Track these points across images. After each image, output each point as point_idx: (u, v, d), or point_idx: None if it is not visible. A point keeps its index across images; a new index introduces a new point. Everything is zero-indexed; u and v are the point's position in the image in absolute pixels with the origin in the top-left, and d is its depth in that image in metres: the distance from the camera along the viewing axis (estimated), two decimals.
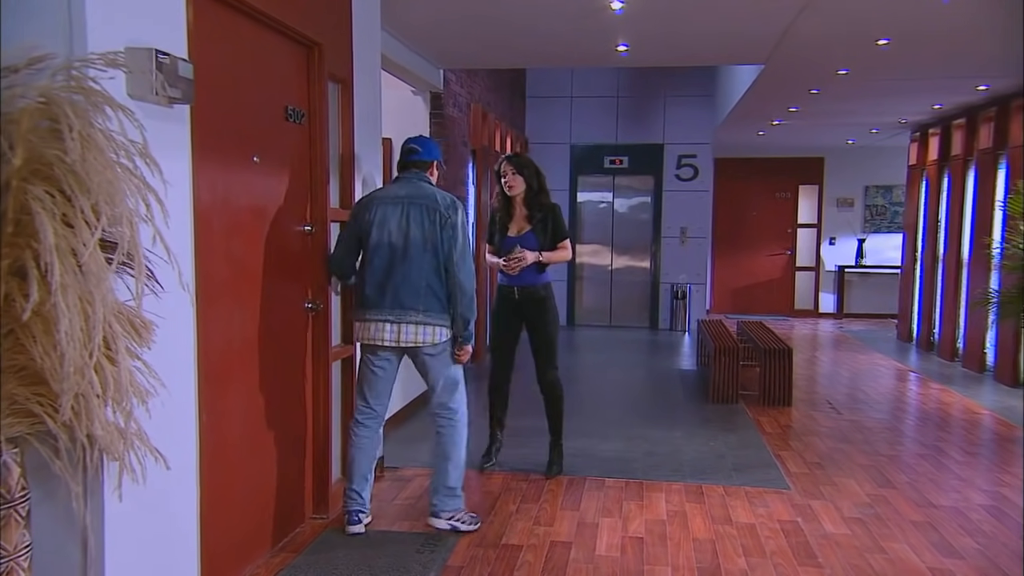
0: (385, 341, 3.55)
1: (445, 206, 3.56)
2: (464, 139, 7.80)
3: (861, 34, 5.40)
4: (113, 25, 2.29)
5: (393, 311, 3.52)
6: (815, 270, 13.55)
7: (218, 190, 2.95)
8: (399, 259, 3.52)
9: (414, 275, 3.51)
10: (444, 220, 3.53)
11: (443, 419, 3.76)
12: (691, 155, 11.31)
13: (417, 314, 3.52)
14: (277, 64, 3.48)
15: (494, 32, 5.75)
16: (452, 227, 3.54)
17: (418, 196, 3.58)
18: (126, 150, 2.06)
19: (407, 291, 3.51)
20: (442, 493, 3.74)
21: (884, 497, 4.31)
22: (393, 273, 3.52)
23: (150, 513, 2.44)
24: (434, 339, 3.57)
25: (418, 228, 3.52)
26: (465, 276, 3.57)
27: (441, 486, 3.74)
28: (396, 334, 3.53)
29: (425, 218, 3.53)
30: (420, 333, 3.53)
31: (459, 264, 3.55)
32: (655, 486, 4.45)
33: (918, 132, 10.41)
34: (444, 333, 3.59)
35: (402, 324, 3.52)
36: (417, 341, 3.54)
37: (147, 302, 2.18)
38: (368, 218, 3.58)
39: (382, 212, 3.56)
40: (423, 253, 3.52)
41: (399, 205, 3.56)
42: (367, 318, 3.58)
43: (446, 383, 3.70)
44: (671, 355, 9.44)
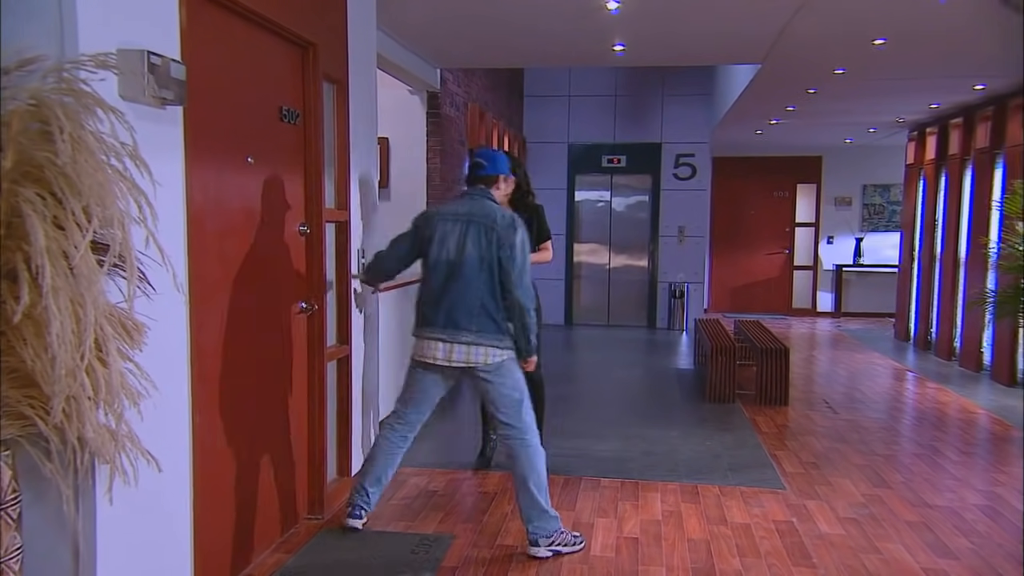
0: (437, 360, 3.52)
1: (504, 225, 3.48)
2: (461, 138, 7.79)
3: (857, 34, 5.40)
4: (105, 26, 2.28)
5: (446, 330, 3.49)
6: (813, 269, 13.56)
7: (211, 191, 2.94)
8: (454, 277, 3.47)
9: (468, 294, 3.46)
10: (502, 239, 3.46)
11: (512, 439, 3.57)
12: (689, 154, 11.31)
13: (469, 334, 3.46)
14: (271, 64, 3.47)
15: (490, 32, 5.75)
16: (511, 247, 3.47)
17: (478, 214, 3.52)
18: (117, 152, 2.06)
19: (461, 310, 3.46)
20: (536, 519, 3.48)
21: (879, 497, 4.31)
22: (448, 291, 3.48)
23: (142, 515, 2.44)
24: (487, 360, 3.48)
25: (475, 247, 3.47)
26: (523, 295, 3.50)
27: (532, 511, 3.49)
28: (448, 353, 3.49)
29: (483, 237, 3.47)
30: (472, 353, 3.47)
31: (517, 283, 3.47)
32: (651, 486, 4.45)
33: (915, 131, 10.41)
34: (496, 354, 3.49)
35: (454, 344, 3.48)
36: (468, 361, 3.48)
37: (140, 304, 2.18)
38: (428, 234, 3.56)
39: (442, 229, 3.53)
40: (479, 272, 3.46)
41: (459, 223, 3.52)
42: (422, 335, 3.57)
43: (507, 402, 3.55)
44: (669, 354, 9.44)
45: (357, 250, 4.29)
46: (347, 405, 4.16)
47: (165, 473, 2.42)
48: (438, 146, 7.00)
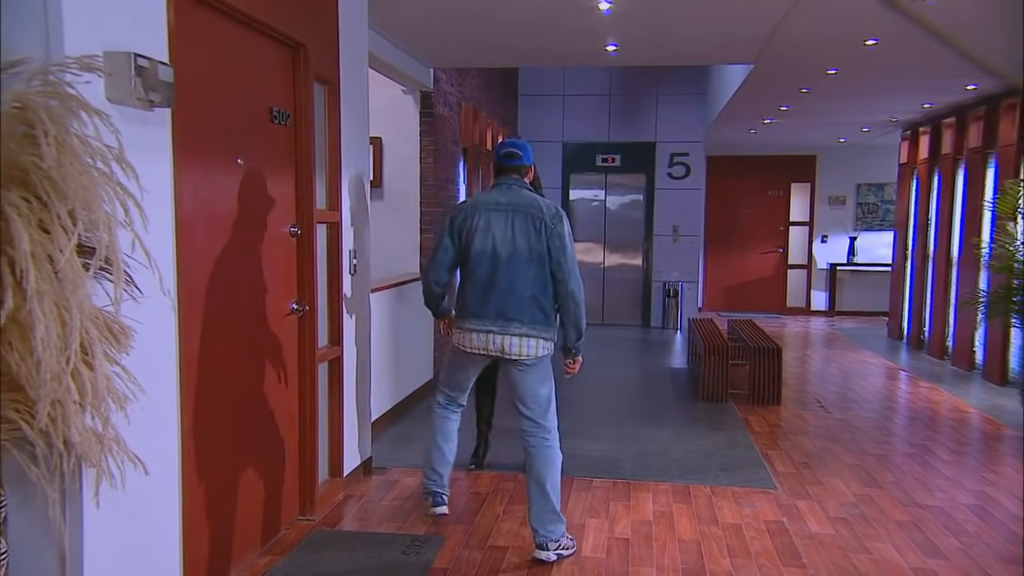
0: (490, 351, 3.49)
1: (551, 216, 3.46)
2: (455, 138, 7.78)
3: (849, 34, 5.40)
4: (91, 29, 2.27)
5: (497, 322, 3.45)
6: (807, 268, 13.58)
7: (201, 193, 2.93)
8: (503, 268, 3.44)
9: (520, 286, 3.42)
10: (551, 230, 3.43)
11: (536, 438, 3.53)
12: (683, 153, 11.31)
13: (522, 326, 3.43)
14: (261, 65, 3.47)
15: (483, 31, 5.74)
16: (559, 237, 3.44)
17: (523, 204, 3.48)
18: (103, 155, 2.05)
19: (512, 302, 3.43)
20: (547, 520, 3.44)
21: (870, 497, 4.32)
22: (498, 283, 3.44)
23: (130, 518, 2.44)
24: (537, 352, 3.47)
25: (524, 238, 3.43)
26: (576, 286, 3.46)
27: (543, 512, 3.45)
28: (500, 345, 3.46)
29: (531, 227, 3.43)
30: (525, 346, 3.44)
31: (570, 274, 3.45)
32: (643, 486, 4.45)
33: (909, 131, 10.43)
34: (546, 347, 3.49)
35: (507, 336, 3.44)
36: (521, 353, 3.45)
37: (128, 306, 2.18)
38: (472, 225, 3.50)
39: (486, 219, 3.48)
40: (529, 263, 3.43)
41: (504, 213, 3.47)
42: (469, 327, 3.52)
43: (539, 399, 3.53)
44: (663, 353, 9.45)
45: (348, 251, 4.29)
46: (339, 406, 4.16)
47: (153, 476, 2.42)
48: (431, 146, 6.99)
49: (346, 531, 3.76)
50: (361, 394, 4.47)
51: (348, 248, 4.28)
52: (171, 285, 2.63)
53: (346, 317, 4.23)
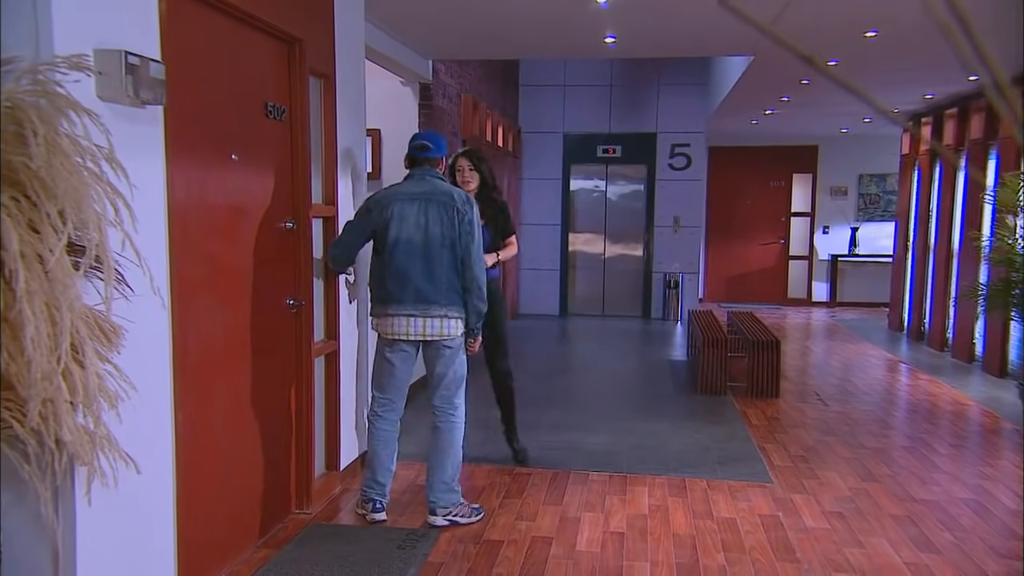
0: (411, 335, 3.66)
1: (462, 203, 3.66)
2: (454, 130, 7.77)
3: (849, 26, 5.38)
4: (81, 26, 2.27)
5: (417, 306, 3.63)
6: (808, 259, 13.57)
7: (194, 189, 2.94)
8: (419, 255, 3.61)
9: (437, 271, 3.62)
10: (462, 217, 3.63)
11: (445, 414, 3.80)
12: (684, 144, 11.29)
13: (440, 308, 3.64)
14: (256, 60, 3.46)
15: (480, 25, 5.72)
16: (469, 223, 3.64)
17: (436, 193, 3.66)
18: (92, 155, 2.06)
19: (431, 286, 3.62)
20: (439, 489, 3.75)
21: (866, 491, 4.33)
22: (414, 269, 3.62)
23: (124, 514, 2.45)
24: (456, 332, 3.71)
25: (437, 225, 3.62)
26: (480, 270, 3.70)
27: (438, 481, 3.76)
28: (422, 328, 3.65)
29: (444, 215, 3.63)
30: (445, 326, 3.66)
31: (476, 259, 3.67)
32: (639, 480, 4.47)
33: (911, 121, 10.39)
34: (462, 326, 3.73)
35: (427, 318, 3.64)
36: (442, 334, 3.66)
37: (121, 305, 2.19)
38: (386, 215, 3.65)
39: (400, 209, 3.64)
40: (442, 249, 3.62)
41: (417, 202, 3.64)
42: (389, 313, 3.68)
43: (454, 378, 3.78)
44: (663, 345, 9.45)
45: None
46: (335, 399, 4.18)
47: (147, 472, 2.43)
48: None
49: (342, 525, 3.78)
50: (358, 388, 4.48)
51: None
52: (163, 283, 2.64)
53: (342, 311, 4.23)
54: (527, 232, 11.38)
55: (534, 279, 11.46)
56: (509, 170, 10.23)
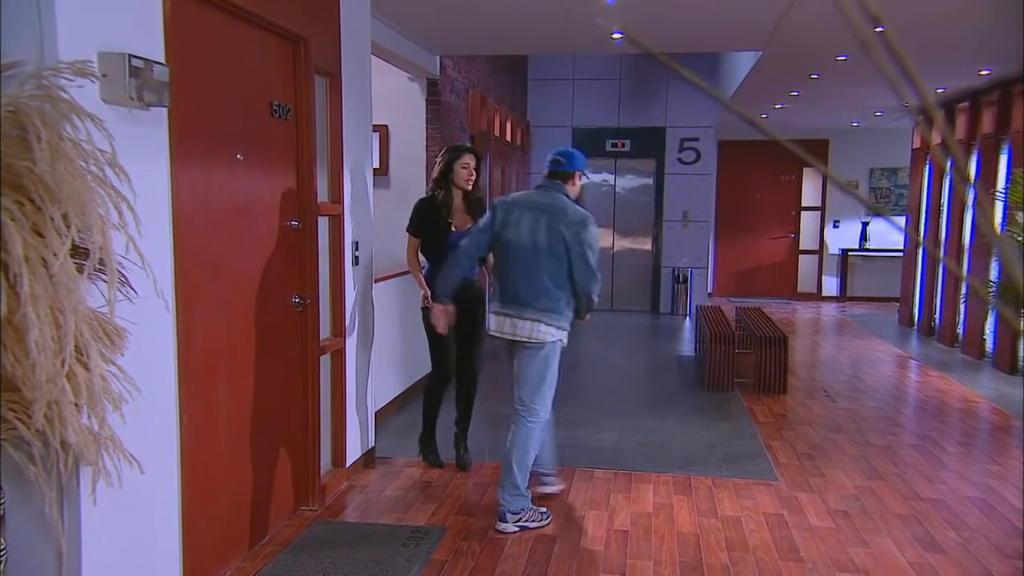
0: (504, 334, 3.79)
1: (576, 221, 3.72)
2: (462, 125, 7.77)
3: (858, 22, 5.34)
4: (85, 30, 2.29)
5: (513, 307, 3.75)
6: (818, 253, 13.51)
7: (199, 190, 2.95)
8: (524, 261, 3.73)
9: (535, 277, 3.71)
10: (573, 235, 3.70)
11: (519, 415, 3.80)
12: (693, 138, 11.24)
13: (534, 312, 3.71)
14: (261, 60, 3.47)
15: (487, 21, 5.71)
16: (580, 243, 3.70)
17: (553, 207, 3.76)
18: (95, 159, 2.07)
19: (528, 291, 3.72)
20: (508, 492, 3.72)
21: (871, 489, 4.33)
22: (518, 273, 3.74)
23: (128, 514, 2.48)
24: (546, 337, 3.73)
25: (546, 236, 3.71)
26: (593, 287, 3.77)
27: (509, 485, 3.72)
28: (513, 328, 3.75)
29: (553, 228, 3.71)
30: (534, 330, 3.72)
31: (588, 275, 3.73)
32: (644, 477, 4.47)
33: (922, 115, 10.29)
34: (554, 334, 3.75)
35: (519, 320, 3.73)
36: (530, 336, 3.73)
37: (126, 307, 2.21)
38: (507, 220, 3.79)
39: (518, 215, 3.78)
40: (548, 257, 3.70)
41: (536, 212, 3.77)
42: (494, 311, 3.85)
43: (533, 381, 3.78)
44: (671, 340, 9.44)
45: (351, 243, 4.31)
46: (341, 397, 4.20)
47: (152, 472, 2.46)
48: (437, 133, 6.99)
49: (347, 522, 3.80)
50: (363, 385, 4.50)
51: (351, 240, 4.29)
52: (168, 284, 2.66)
53: (348, 309, 4.25)
54: None
55: None
56: (518, 165, 10.22)
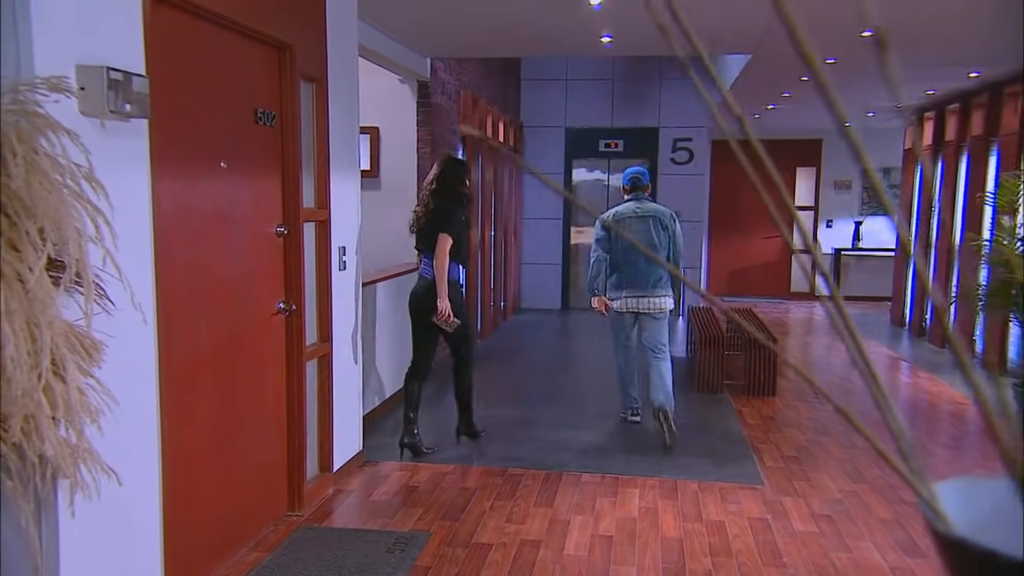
0: (642, 309, 5.32)
1: (670, 220, 5.37)
2: (453, 127, 7.77)
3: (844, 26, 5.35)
4: (63, 43, 2.29)
5: (645, 289, 5.27)
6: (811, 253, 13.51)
7: (182, 199, 2.96)
8: (643, 257, 5.09)
9: (655, 266, 5.20)
10: (672, 230, 5.33)
11: (660, 354, 5.33)
12: (686, 139, 11.25)
13: (660, 290, 5.28)
14: (245, 67, 3.48)
15: (476, 25, 5.72)
16: (675, 235, 5.35)
17: (655, 213, 5.36)
18: (71, 173, 2.08)
19: (651, 277, 5.24)
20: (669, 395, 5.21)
21: (856, 493, 4.35)
22: (638, 265, 5.22)
23: (108, 526, 2.49)
24: (667, 307, 5.34)
25: (656, 235, 5.26)
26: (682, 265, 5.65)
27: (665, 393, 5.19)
28: (641, 305, 5.31)
29: (661, 229, 5.30)
30: (665, 302, 5.32)
31: (680, 257, 5.40)
32: (631, 481, 4.49)
33: (914, 116, 10.33)
34: (671, 303, 5.36)
35: (652, 298, 5.29)
36: (662, 308, 5.32)
37: (106, 318, 2.22)
38: (623, 228, 5.28)
39: (628, 222, 5.27)
40: (660, 250, 5.23)
41: (643, 219, 5.30)
42: (624, 296, 5.34)
43: (665, 335, 5.40)
44: None
45: (338, 248, 4.31)
46: (328, 401, 4.21)
47: (132, 483, 2.46)
48: (428, 135, 6.99)
49: (332, 528, 3.82)
50: (351, 389, 4.51)
51: (338, 245, 4.30)
52: (149, 294, 2.67)
53: (336, 313, 4.26)
54: (529, 227, 11.38)
55: (536, 273, 11.47)
56: (510, 165, 10.22)
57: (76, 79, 2.31)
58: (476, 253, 8.30)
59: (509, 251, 10.32)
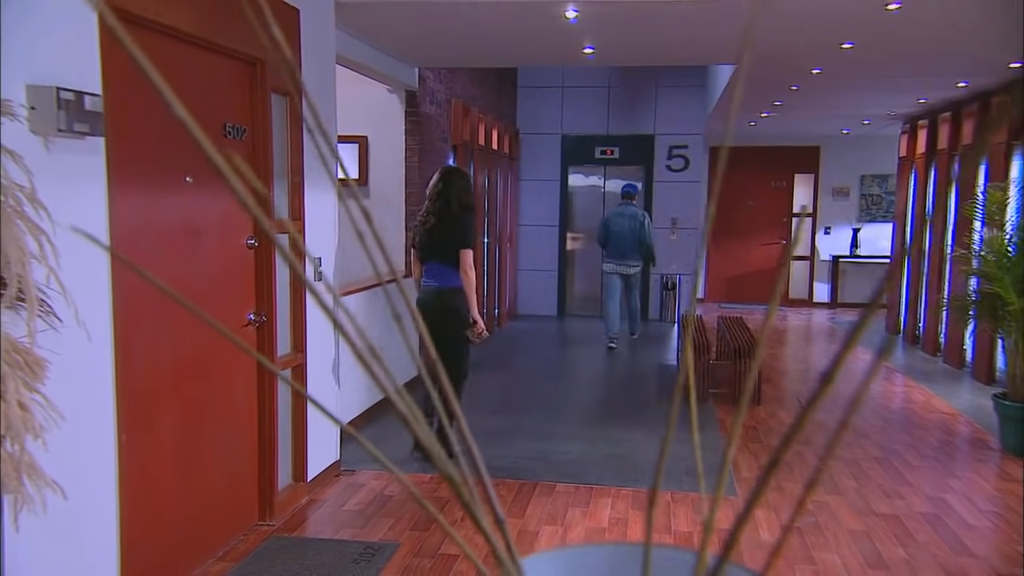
0: (619, 271, 8.89)
1: (643, 219, 8.83)
2: (443, 135, 7.80)
3: (823, 38, 5.36)
4: (13, 63, 2.32)
5: (624, 260, 8.83)
6: (810, 259, 13.49)
7: (142, 214, 3.00)
8: (625, 240, 8.76)
9: (632, 247, 8.77)
10: (643, 225, 8.76)
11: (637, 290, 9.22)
12: (682, 146, 11.25)
13: (635, 261, 8.85)
14: (213, 82, 3.51)
15: (458, 38, 5.75)
16: (646, 228, 8.80)
17: (632, 215, 8.81)
18: (12, 193, 2.11)
19: (630, 253, 8.79)
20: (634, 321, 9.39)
21: (827, 504, 4.34)
22: (625, 246, 8.76)
23: (58, 540, 2.51)
24: (637, 271, 8.94)
25: (631, 227, 8.74)
26: (653, 248, 8.97)
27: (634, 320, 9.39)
28: (626, 269, 8.85)
29: (636, 224, 8.74)
30: (634, 269, 8.88)
31: (651, 242, 8.88)
32: (604, 491, 4.50)
33: (908, 124, 10.30)
34: (638, 269, 8.96)
35: (627, 265, 8.84)
36: (635, 273, 8.95)
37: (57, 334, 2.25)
38: (611, 221, 8.88)
39: (616, 219, 8.83)
40: (634, 236, 8.72)
41: (626, 217, 8.80)
42: (614, 262, 8.89)
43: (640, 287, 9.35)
44: (656, 348, 9.44)
45: (314, 258, 4.34)
46: (303, 411, 4.23)
47: (84, 497, 2.50)
48: (416, 145, 7.02)
49: (303, 537, 3.84)
50: (328, 399, 4.54)
51: (313, 256, 4.33)
52: (106, 309, 2.70)
53: (311, 324, 4.29)
54: (525, 233, 11.41)
55: (532, 280, 11.49)
56: (504, 172, 10.25)
57: (26, 99, 2.34)
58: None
59: (504, 258, 10.35)
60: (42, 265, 2.19)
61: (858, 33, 5.13)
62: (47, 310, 2.27)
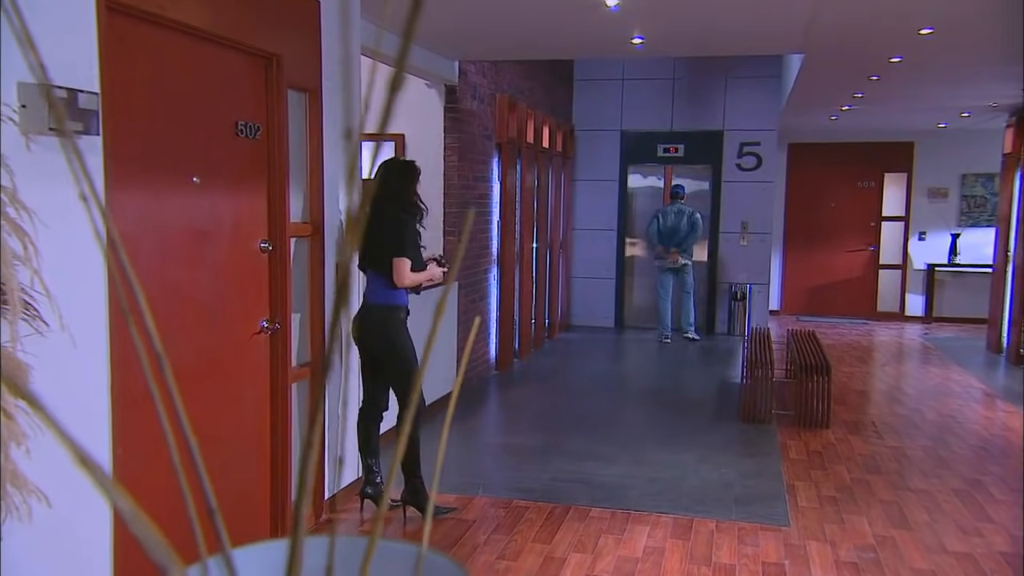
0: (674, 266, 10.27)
1: (692, 215, 10.22)
2: (487, 132, 7.88)
3: (897, 24, 5.25)
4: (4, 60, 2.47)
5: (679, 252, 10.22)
6: (902, 268, 13.14)
7: (143, 216, 3.13)
8: (678, 235, 10.16)
9: (682, 239, 10.20)
10: (692, 220, 10.16)
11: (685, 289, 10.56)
12: (754, 143, 11.08)
13: (686, 252, 10.24)
14: (225, 79, 3.64)
15: (499, 30, 5.82)
16: (694, 223, 10.16)
17: (683, 211, 10.21)
18: None
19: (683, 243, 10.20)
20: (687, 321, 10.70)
21: (893, 539, 4.24)
22: (676, 240, 10.19)
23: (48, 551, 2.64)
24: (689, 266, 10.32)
25: (681, 221, 10.15)
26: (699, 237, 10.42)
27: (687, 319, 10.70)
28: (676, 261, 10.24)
29: (686, 219, 10.17)
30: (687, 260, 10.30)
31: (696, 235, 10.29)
32: (642, 518, 4.48)
33: (1013, 116, 9.96)
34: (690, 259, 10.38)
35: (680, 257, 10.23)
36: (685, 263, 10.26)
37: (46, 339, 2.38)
38: (666, 215, 10.24)
39: (669, 213, 10.23)
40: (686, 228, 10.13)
41: (676, 213, 10.20)
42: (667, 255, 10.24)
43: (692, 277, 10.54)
44: (721, 364, 9.33)
45: (333, 264, 4.45)
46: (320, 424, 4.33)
47: (77, 507, 2.62)
48: (456, 143, 7.11)
49: None
50: (347, 413, 4.63)
51: (332, 261, 4.44)
52: (103, 315, 2.83)
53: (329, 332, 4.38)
54: (579, 238, 11.41)
55: (587, 288, 11.47)
56: (557, 171, 10.28)
57: (17, 97, 2.48)
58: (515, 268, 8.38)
59: (556, 264, 10.37)
60: (26, 268, 2.32)
61: (936, 18, 5.01)
62: (33, 314, 2.40)
